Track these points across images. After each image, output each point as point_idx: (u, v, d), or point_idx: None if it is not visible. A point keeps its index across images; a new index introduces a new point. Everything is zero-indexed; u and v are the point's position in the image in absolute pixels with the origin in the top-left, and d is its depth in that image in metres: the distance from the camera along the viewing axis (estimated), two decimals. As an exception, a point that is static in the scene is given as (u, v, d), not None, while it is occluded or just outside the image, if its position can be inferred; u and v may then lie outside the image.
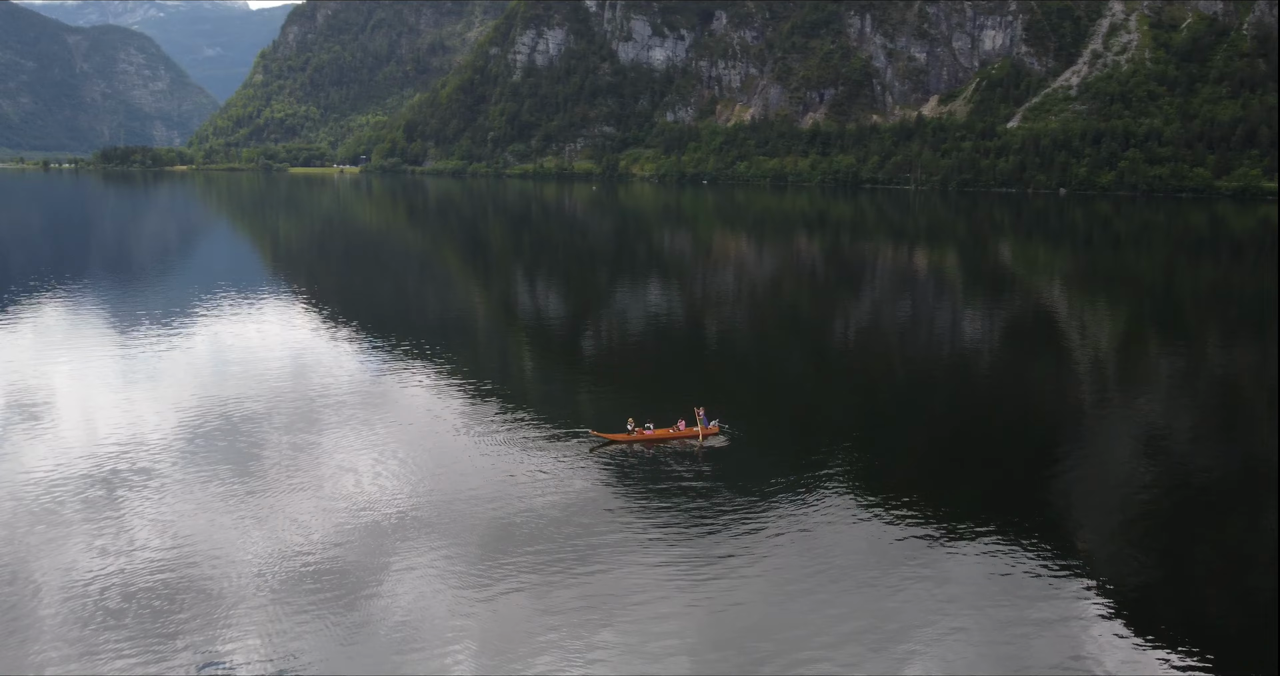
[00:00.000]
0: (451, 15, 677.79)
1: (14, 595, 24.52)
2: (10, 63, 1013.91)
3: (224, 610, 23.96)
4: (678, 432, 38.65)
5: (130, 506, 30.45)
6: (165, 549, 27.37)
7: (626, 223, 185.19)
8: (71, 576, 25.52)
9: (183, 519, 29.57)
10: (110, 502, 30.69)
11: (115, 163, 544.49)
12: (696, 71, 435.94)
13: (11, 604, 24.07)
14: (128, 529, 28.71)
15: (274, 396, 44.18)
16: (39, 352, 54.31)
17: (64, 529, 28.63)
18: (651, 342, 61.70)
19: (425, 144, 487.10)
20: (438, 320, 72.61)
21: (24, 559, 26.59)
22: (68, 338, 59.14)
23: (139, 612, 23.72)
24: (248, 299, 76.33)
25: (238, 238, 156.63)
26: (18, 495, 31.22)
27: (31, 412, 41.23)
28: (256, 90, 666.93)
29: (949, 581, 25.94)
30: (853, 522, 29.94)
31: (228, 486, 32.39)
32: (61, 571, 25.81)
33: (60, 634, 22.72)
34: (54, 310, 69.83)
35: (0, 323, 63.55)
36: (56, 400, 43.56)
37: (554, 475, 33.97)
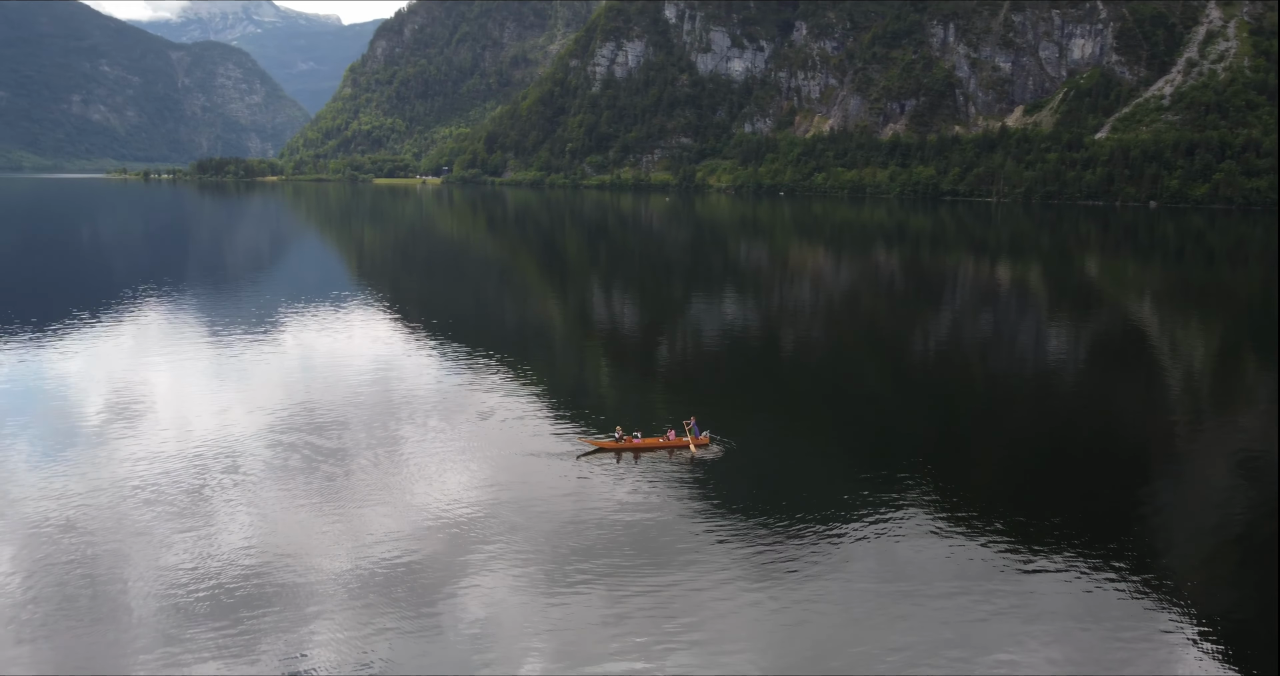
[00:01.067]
0: (534, 28, 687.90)
1: (108, 592, 25.54)
2: (118, 78, 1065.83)
3: (306, 609, 24.67)
4: (666, 442, 38.73)
5: (219, 506, 31.63)
6: (251, 548, 28.32)
7: (702, 233, 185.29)
8: (162, 573, 26.53)
9: (268, 519, 30.60)
10: (201, 502, 31.92)
11: (210, 173, 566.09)
12: (775, 82, 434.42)
13: (105, 600, 25.07)
14: (216, 528, 29.80)
15: (357, 401, 45.40)
16: (138, 356, 56.79)
17: (157, 527, 29.81)
18: (727, 354, 61.66)
19: (505, 155, 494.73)
20: (515, 329, 73.80)
21: (119, 555, 27.71)
22: (165, 341, 61.75)
23: (225, 610, 24.54)
24: (335, 306, 78.63)
25: (325, 246, 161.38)
26: (116, 494, 32.60)
27: (129, 413, 43.09)
28: (345, 103, 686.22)
29: (1031, 603, 25.33)
30: (929, 538, 29.50)
31: (312, 488, 33.40)
32: (153, 568, 26.84)
33: (149, 630, 23.59)
34: (153, 315, 72.98)
35: (102, 326, 66.60)
36: (153, 402, 45.49)
37: (629, 483, 34.24)
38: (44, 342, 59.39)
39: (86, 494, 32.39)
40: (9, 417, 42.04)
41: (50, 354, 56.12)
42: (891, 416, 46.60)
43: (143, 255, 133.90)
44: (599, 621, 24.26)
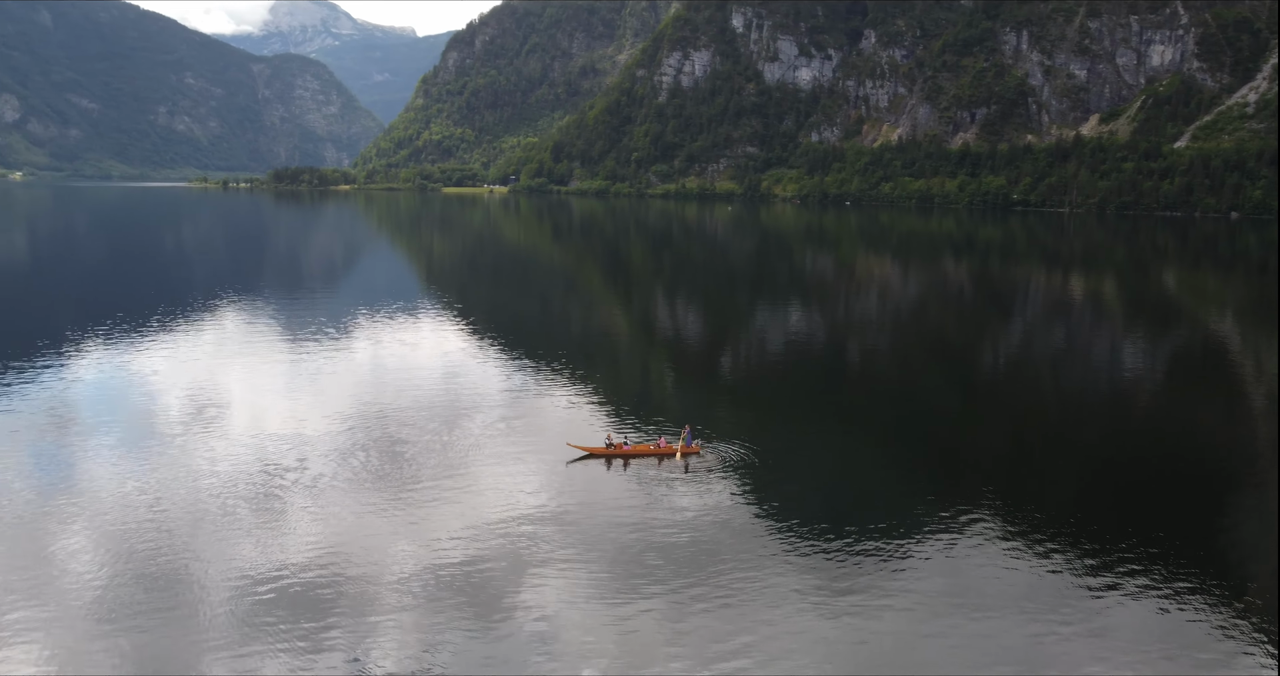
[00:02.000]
0: (603, 39, 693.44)
1: (182, 589, 26.39)
2: (202, 90, 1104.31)
3: (370, 611, 25.24)
4: (656, 449, 38.90)
5: (291, 507, 32.54)
6: (320, 549, 29.06)
7: (767, 243, 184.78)
8: (234, 572, 27.36)
9: (337, 521, 31.38)
10: (273, 503, 32.89)
11: (285, 182, 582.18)
12: (843, 91, 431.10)
13: (178, 598, 25.91)
14: (287, 529, 30.70)
15: (426, 407, 46.30)
16: (216, 359, 58.71)
17: (231, 527, 30.79)
18: (791, 364, 61.52)
19: (571, 164, 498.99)
20: (580, 337, 74.53)
21: (193, 553, 28.66)
22: (242, 345, 63.80)
23: (293, 610, 25.21)
24: (404, 312, 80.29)
25: (395, 253, 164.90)
26: (192, 493, 33.77)
27: (207, 415, 44.60)
28: (417, 113, 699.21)
29: (1104, 629, 24.69)
30: (997, 557, 28.99)
31: (379, 492, 34.15)
32: (226, 567, 27.71)
33: (220, 628, 24.34)
34: (231, 319, 75.45)
35: (181, 330, 69.06)
36: (229, 404, 47.04)
37: (691, 492, 34.37)
38: (128, 345, 61.77)
39: (164, 492, 33.60)
40: (94, 418, 43.78)
41: (134, 356, 58.33)
42: (959, 431, 45.96)
43: (222, 261, 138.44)
44: (659, 631, 24.42)
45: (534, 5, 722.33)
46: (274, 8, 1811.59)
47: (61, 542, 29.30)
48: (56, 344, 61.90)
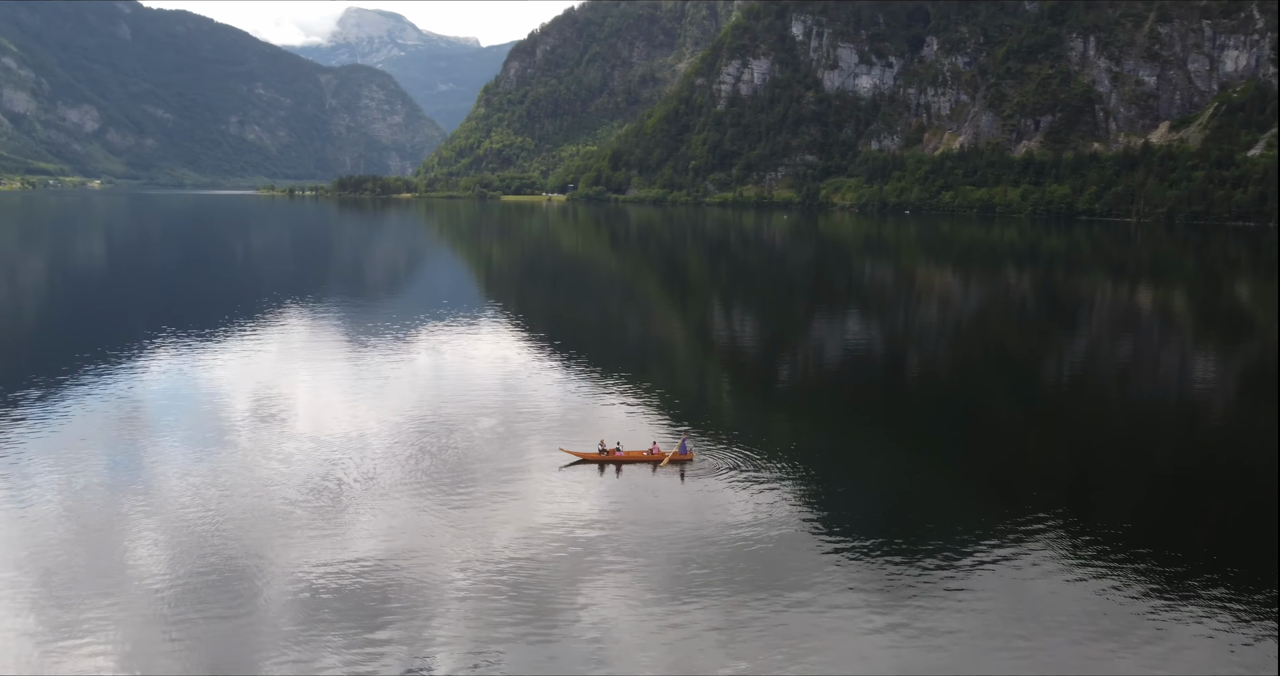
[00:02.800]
0: (663, 48, 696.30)
1: (243, 588, 27.09)
2: (272, 100, 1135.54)
3: (427, 611, 25.67)
4: (649, 455, 39.13)
5: (351, 508, 33.27)
6: (379, 550, 29.65)
7: (825, 252, 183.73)
8: (294, 572, 28.00)
9: (396, 523, 31.97)
10: (333, 505, 33.62)
11: (349, 190, 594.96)
12: (904, 99, 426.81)
13: (239, 597, 26.60)
14: (347, 530, 31.35)
15: (484, 412, 46.96)
16: (280, 363, 60.29)
17: (292, 527, 31.57)
18: (849, 375, 61.16)
19: (629, 173, 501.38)
20: (637, 344, 74.95)
21: (255, 553, 29.41)
22: (305, 349, 65.44)
23: (351, 611, 25.71)
24: (464, 318, 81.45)
25: (455, 260, 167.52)
26: (255, 494, 34.68)
27: (270, 418, 45.82)
28: (478, 122, 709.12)
29: (1173, 653, 24.00)
30: (1061, 574, 28.35)
31: (437, 494, 34.76)
32: (286, 567, 28.39)
33: (280, 627, 24.92)
34: (295, 324, 77.38)
35: (249, 334, 70.94)
36: (292, 407, 48.25)
37: (748, 501, 34.30)
38: (199, 348, 63.70)
39: (230, 492, 34.58)
40: (164, 419, 45.25)
41: (204, 359, 60.11)
42: (1021, 445, 45.17)
43: (288, 267, 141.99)
44: (710, 641, 24.40)
45: (595, 15, 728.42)
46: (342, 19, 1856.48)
47: (132, 540, 30.34)
48: (131, 346, 64.12)
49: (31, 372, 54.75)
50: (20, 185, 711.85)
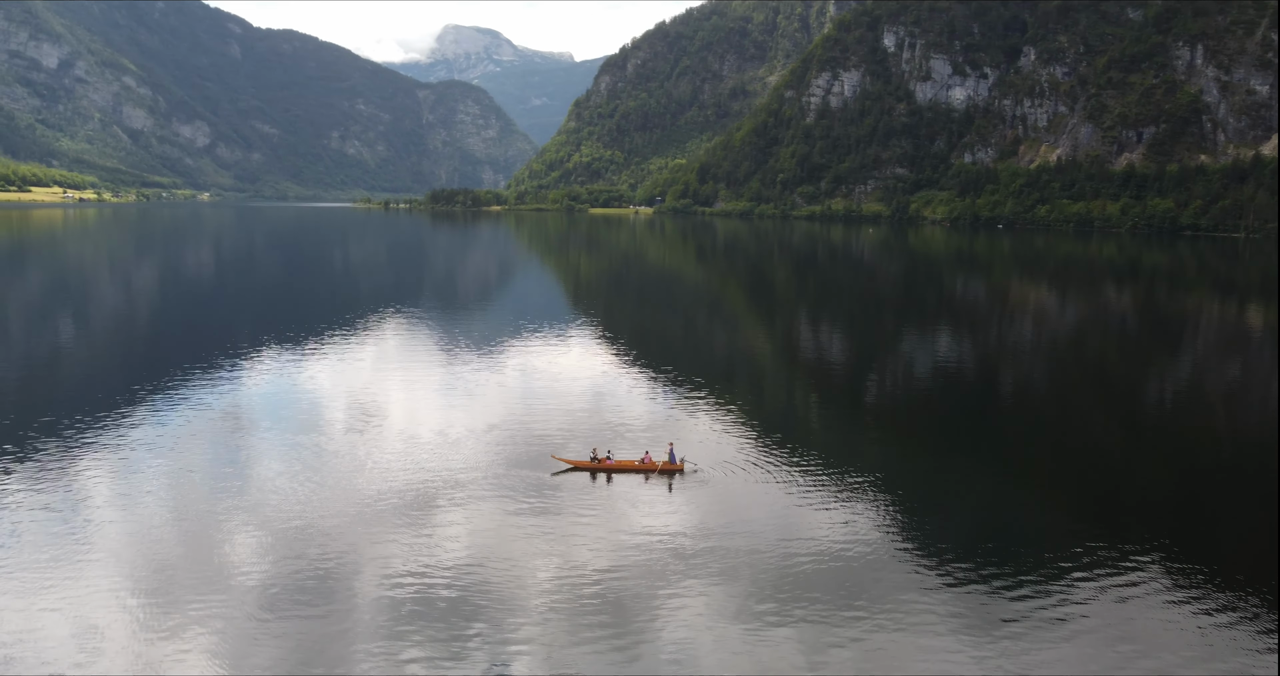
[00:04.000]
0: (754, 61, 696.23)
1: (335, 589, 28.15)
2: (372, 116, 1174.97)
3: (512, 619, 26.27)
4: (640, 465, 39.37)
5: (440, 515, 34.29)
6: (465, 555, 30.54)
7: (915, 266, 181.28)
8: (384, 575, 29.00)
9: (483, 530, 32.86)
10: (423, 510, 34.69)
11: (441, 203, 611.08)
12: (999, 110, 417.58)
13: (331, 596, 27.66)
14: (435, 532, 32.41)
15: (571, 423, 47.87)
16: (374, 369, 62.42)
17: (383, 531, 32.67)
18: (939, 392, 60.30)
19: (716, 186, 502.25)
20: (723, 358, 75.17)
21: (346, 555, 30.56)
22: (399, 356, 67.72)
23: (437, 615, 26.50)
24: (552, 329, 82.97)
25: (544, 271, 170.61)
26: (348, 498, 36.02)
27: (364, 424, 47.45)
28: (569, 136, 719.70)
29: None
30: (1167, 603, 27.58)
31: (524, 504, 35.60)
32: (377, 570, 29.40)
33: (369, 628, 25.80)
34: (389, 332, 79.96)
35: (345, 341, 73.57)
36: (386, 412, 49.93)
37: (836, 520, 34.25)
38: (295, 354, 66.48)
39: (324, 495, 36.05)
40: (263, 423, 47.41)
41: (300, 365, 62.71)
42: (1120, 470, 43.83)
43: (383, 277, 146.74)
44: (795, 658, 24.53)
45: (686, 28, 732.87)
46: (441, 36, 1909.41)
47: (232, 538, 31.92)
48: (235, 352, 67.24)
49: (141, 375, 58.04)
50: (136, 197, 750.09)
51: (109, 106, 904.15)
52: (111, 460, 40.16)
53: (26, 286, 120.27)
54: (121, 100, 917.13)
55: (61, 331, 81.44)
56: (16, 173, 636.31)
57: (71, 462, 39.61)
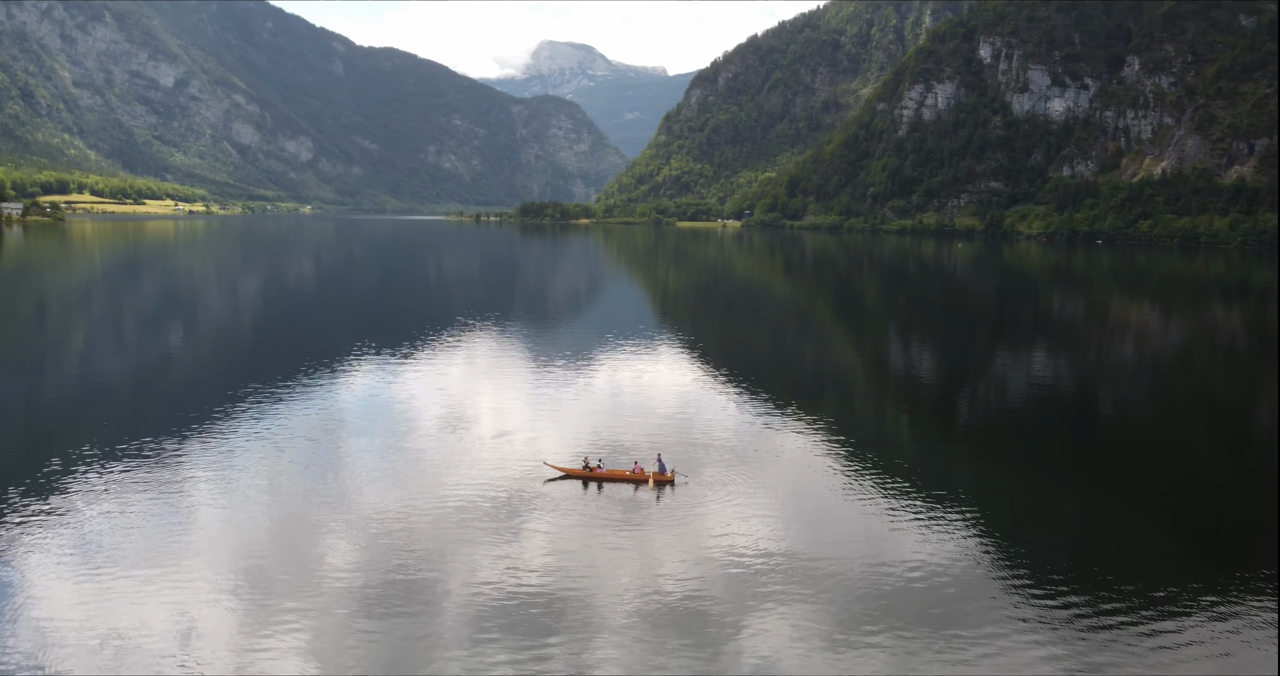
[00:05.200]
0: (847, 73, 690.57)
1: (421, 594, 28.97)
2: (468, 131, 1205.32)
3: (593, 630, 26.60)
4: (631, 475, 39.46)
5: (527, 522, 35.08)
6: (549, 566, 31.02)
7: (1010, 282, 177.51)
8: (469, 582, 29.66)
9: (567, 540, 33.40)
10: (509, 519, 35.48)
11: (530, 216, 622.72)
12: (1100, 122, 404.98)
13: (419, 600, 28.48)
14: (520, 544, 33.01)
15: (658, 436, 48.29)
16: (465, 380, 64.13)
17: (469, 538, 33.50)
18: (1032, 412, 59.01)
19: (805, 199, 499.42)
20: (811, 373, 74.83)
21: (434, 561, 31.39)
22: (490, 367, 69.52)
23: (519, 622, 27.02)
24: (639, 342, 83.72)
25: (631, 284, 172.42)
26: (436, 505, 37.01)
27: (453, 433, 48.75)
28: (658, 150, 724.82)
29: None
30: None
31: (609, 516, 36.10)
32: (462, 576, 30.13)
33: (452, 633, 26.47)
34: (480, 342, 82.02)
35: (436, 353, 75.77)
36: (476, 421, 51.30)
37: (924, 538, 34.02)
38: (390, 363, 68.73)
39: (413, 502, 37.11)
40: (354, 427, 49.28)
41: (394, 373, 64.83)
42: (1225, 495, 42.31)
43: (475, 287, 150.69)
44: None
45: (778, 42, 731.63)
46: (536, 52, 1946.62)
47: (326, 542, 33.14)
48: (332, 360, 69.87)
49: (243, 381, 60.62)
50: (241, 210, 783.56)
51: (220, 123, 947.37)
52: (213, 463, 42.15)
53: (140, 294, 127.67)
54: (231, 117, 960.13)
55: (170, 337, 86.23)
56: (133, 186, 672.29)
57: (176, 465, 41.69)
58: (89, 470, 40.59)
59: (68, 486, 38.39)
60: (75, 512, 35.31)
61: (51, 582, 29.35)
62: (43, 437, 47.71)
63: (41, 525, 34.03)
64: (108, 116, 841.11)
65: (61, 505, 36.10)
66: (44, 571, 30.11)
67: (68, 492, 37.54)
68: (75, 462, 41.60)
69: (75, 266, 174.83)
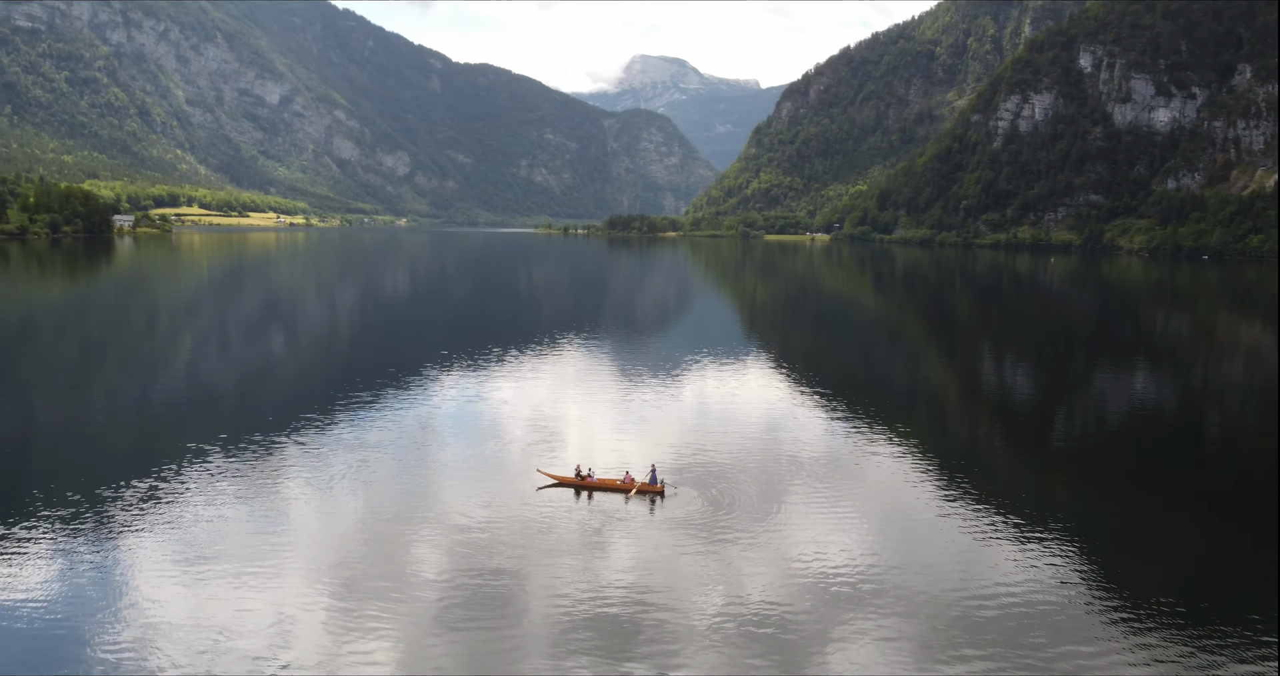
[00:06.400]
0: (942, 85, 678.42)
1: (507, 600, 29.67)
2: (559, 144, 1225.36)
3: (678, 644, 26.86)
4: (621, 484, 39.44)
5: (611, 536, 35.59)
6: (634, 579, 31.36)
7: (1109, 298, 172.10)
8: (555, 591, 30.25)
9: (653, 555, 33.68)
10: (594, 531, 36.05)
11: (617, 229, 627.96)
12: (1208, 133, 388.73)
13: (504, 608, 29.13)
14: (605, 556, 33.61)
15: (745, 452, 48.54)
16: (553, 392, 65.22)
17: (555, 546, 34.23)
18: (1134, 434, 57.37)
19: (896, 212, 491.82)
20: (902, 390, 73.90)
21: (521, 568, 32.14)
22: (578, 379, 70.73)
23: (603, 632, 27.48)
24: (728, 355, 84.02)
25: (720, 297, 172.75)
26: (523, 514, 37.75)
27: (540, 442, 49.74)
28: (748, 163, 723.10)
29: None
30: None
31: (696, 531, 36.14)
32: (547, 585, 30.74)
33: (538, 641, 27.06)
34: (569, 353, 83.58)
35: (524, 362, 77.35)
36: (562, 432, 52.36)
37: (1019, 561, 33.53)
38: (481, 374, 70.62)
39: (500, 511, 38.00)
40: (444, 436, 50.73)
41: (482, 384, 66.58)
42: None
43: (564, 299, 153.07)
44: None
45: (871, 53, 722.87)
46: (628, 66, 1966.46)
47: (416, 548, 34.20)
48: (424, 368, 72.17)
49: (339, 387, 63.11)
50: (339, 222, 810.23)
51: (321, 138, 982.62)
52: (309, 467, 43.97)
53: (244, 302, 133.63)
54: (333, 132, 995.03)
55: (270, 344, 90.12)
56: (238, 199, 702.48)
57: (274, 468, 43.62)
58: (193, 471, 42.86)
59: (173, 487, 40.52)
60: (180, 513, 37.25)
61: (158, 581, 30.91)
62: (151, 439, 50.57)
63: (149, 525, 35.96)
64: (217, 132, 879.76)
65: (167, 506, 38.11)
66: (150, 570, 31.80)
67: (173, 493, 39.61)
68: (180, 464, 43.95)
69: (181, 275, 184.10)
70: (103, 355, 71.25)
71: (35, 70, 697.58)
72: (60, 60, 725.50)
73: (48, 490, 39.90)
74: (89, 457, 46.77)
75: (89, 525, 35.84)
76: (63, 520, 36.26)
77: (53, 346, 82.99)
